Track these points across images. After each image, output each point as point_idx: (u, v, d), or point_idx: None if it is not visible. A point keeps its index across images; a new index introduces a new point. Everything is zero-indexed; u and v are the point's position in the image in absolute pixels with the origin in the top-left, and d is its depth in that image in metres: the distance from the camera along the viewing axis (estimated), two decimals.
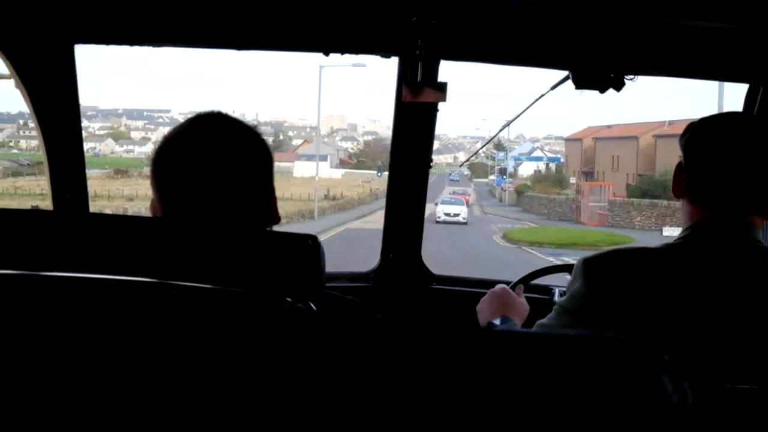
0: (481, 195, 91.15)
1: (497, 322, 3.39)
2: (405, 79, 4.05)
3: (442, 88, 3.96)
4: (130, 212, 34.96)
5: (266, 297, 1.60)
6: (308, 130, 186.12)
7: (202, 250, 1.68)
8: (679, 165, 2.76)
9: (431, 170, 4.58)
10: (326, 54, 4.01)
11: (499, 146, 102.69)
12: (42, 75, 3.79)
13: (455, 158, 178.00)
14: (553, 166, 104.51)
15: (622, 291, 2.54)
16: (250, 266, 1.66)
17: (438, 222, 55.63)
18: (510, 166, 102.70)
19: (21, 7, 3.51)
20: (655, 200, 54.98)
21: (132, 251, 1.68)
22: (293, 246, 1.67)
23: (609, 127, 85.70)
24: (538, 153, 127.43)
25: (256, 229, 2.18)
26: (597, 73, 3.83)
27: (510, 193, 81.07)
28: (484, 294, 3.73)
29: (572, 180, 78.49)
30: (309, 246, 1.64)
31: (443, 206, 61.18)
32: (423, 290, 4.67)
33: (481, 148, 52.11)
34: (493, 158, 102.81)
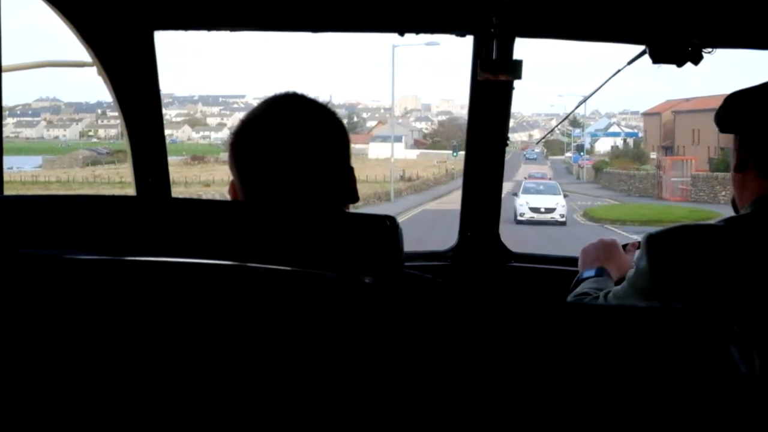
0: (558, 173, 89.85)
1: (592, 272, 3.30)
2: (480, 57, 4.00)
3: (517, 66, 3.94)
4: (208, 197, 34.70)
5: (346, 278, 1.50)
6: (382, 111, 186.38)
7: (282, 232, 1.70)
8: (740, 141, 2.63)
9: (508, 149, 4.51)
10: (401, 34, 4.01)
11: (575, 123, 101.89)
12: (123, 62, 3.80)
13: (530, 136, 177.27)
14: (630, 141, 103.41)
15: (686, 268, 2.47)
16: (329, 248, 1.67)
17: (520, 222, 42.20)
18: (586, 142, 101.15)
19: None
20: None
21: (213, 235, 1.71)
22: (372, 227, 1.67)
23: (687, 100, 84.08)
24: (614, 128, 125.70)
25: (335, 210, 2.19)
26: (674, 46, 3.73)
27: (588, 170, 79.91)
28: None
29: (652, 155, 76.97)
30: (387, 226, 1.65)
31: (527, 197, 45.21)
32: (502, 268, 4.60)
33: (557, 125, 49.49)
34: (569, 135, 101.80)
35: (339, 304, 1.26)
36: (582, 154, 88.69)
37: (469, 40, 4.08)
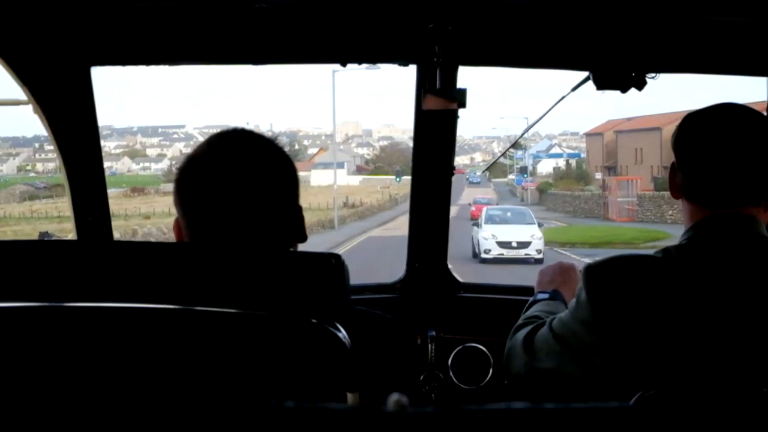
0: (502, 195, 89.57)
1: (546, 295, 3.29)
2: (424, 86, 3.96)
3: (461, 94, 3.91)
4: (144, 231, 33.56)
5: (291, 319, 1.60)
6: (323, 138, 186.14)
7: (226, 274, 1.71)
8: (672, 165, 2.69)
9: None
10: (343, 65, 4.02)
11: (517, 145, 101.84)
12: (60, 99, 3.74)
13: (471, 159, 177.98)
14: (573, 162, 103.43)
15: (625, 299, 2.47)
16: (275, 288, 1.68)
17: (484, 261, 35.75)
18: (529, 164, 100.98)
19: (37, 32, 3.46)
20: None
21: (157, 279, 1.70)
22: (317, 266, 1.70)
23: (629, 119, 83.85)
24: (556, 150, 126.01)
25: (280, 250, 2.17)
26: (618, 72, 3.74)
27: (532, 191, 79.25)
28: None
29: (597, 176, 76.77)
30: (333, 265, 1.67)
31: (493, 228, 37.61)
32: (451, 299, 4.52)
33: (505, 151, 48.64)
34: (511, 157, 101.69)
35: (283, 343, 1.30)
36: (525, 176, 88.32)
37: (412, 66, 4.02)
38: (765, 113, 3.37)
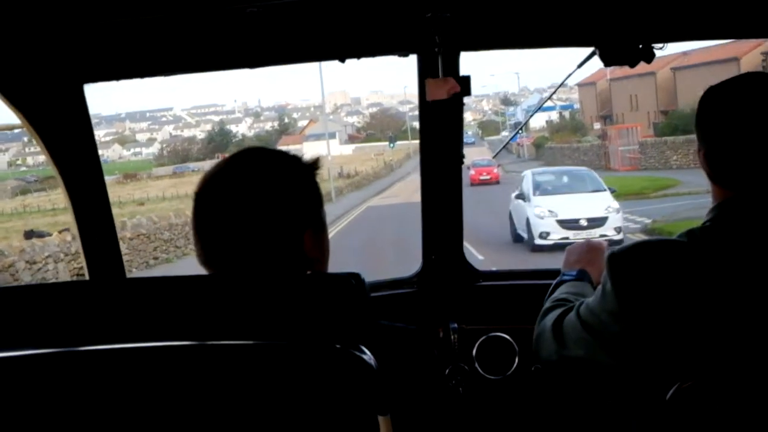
0: (500, 154, 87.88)
1: (573, 274, 3.17)
2: (426, 76, 3.84)
3: (465, 82, 3.80)
4: (133, 222, 32.25)
5: (314, 346, 1.60)
6: (312, 109, 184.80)
7: (243, 304, 1.70)
8: (699, 145, 2.57)
9: None
10: (342, 61, 3.88)
11: (507, 101, 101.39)
12: (54, 120, 3.63)
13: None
14: (566, 114, 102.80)
15: (651, 288, 2.39)
16: (294, 315, 1.68)
17: (540, 248, 25.64)
18: (522, 119, 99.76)
19: (26, 55, 3.39)
20: (690, 135, 51.36)
21: (171, 315, 1.70)
22: (337, 288, 1.69)
23: (621, 66, 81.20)
24: (547, 103, 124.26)
25: (298, 276, 2.12)
26: (625, 46, 3.63)
27: (528, 147, 77.85)
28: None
29: (596, 126, 75.32)
30: (353, 285, 1.66)
31: (548, 200, 27.31)
32: (471, 289, 4.39)
33: (515, 132, 45.38)
34: (502, 114, 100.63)
35: (308, 372, 1.30)
36: (521, 131, 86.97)
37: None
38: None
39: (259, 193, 2.17)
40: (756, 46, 52.90)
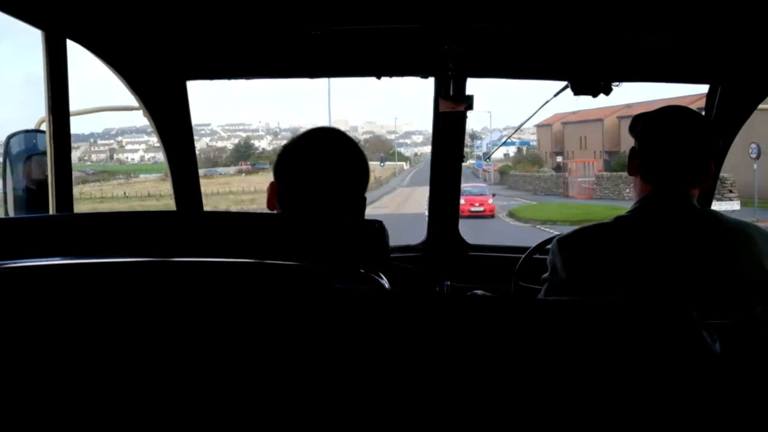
0: (466, 177, 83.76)
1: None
2: (441, 94, 4.05)
3: (470, 99, 3.98)
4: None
5: (345, 269, 1.66)
6: None
7: (298, 236, 1.75)
8: (632, 150, 2.75)
9: (420, 159, 4.61)
10: (378, 77, 3.93)
11: (474, 136, 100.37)
12: (162, 106, 3.83)
13: None
14: (524, 149, 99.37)
15: (590, 259, 2.54)
16: (333, 247, 1.73)
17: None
18: (491, 151, 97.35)
19: (145, 53, 3.57)
20: None
21: (240, 240, 1.75)
22: (365, 229, 1.75)
23: (574, 112, 78.30)
24: (517, 138, 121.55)
25: (339, 218, 2.16)
26: (590, 82, 3.76)
27: (494, 173, 74.64)
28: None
29: (558, 158, 71.12)
30: (376, 228, 1.71)
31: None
32: (462, 257, 4.65)
33: (494, 150, 41.30)
34: (470, 147, 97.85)
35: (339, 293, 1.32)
36: (487, 160, 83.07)
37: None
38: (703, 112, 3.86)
39: (341, 157, 2.23)
40: (695, 101, 48.10)
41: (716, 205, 3.73)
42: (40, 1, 2.64)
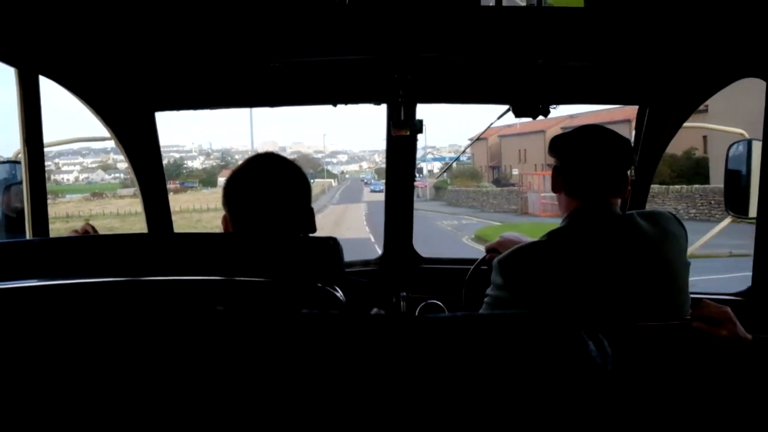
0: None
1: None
2: (392, 119, 4.09)
3: (419, 123, 3.98)
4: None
5: (302, 284, 1.66)
6: (250, 152, 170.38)
7: (258, 254, 1.77)
8: (555, 168, 2.75)
9: (346, 177, 4.59)
10: (334, 105, 3.99)
11: None
12: (133, 136, 3.83)
13: (360, 167, 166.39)
14: (454, 164, 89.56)
15: (528, 277, 2.51)
16: (290, 263, 1.74)
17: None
18: (424, 167, 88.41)
19: (115, 86, 3.55)
20: None
21: (209, 259, 1.75)
22: (320, 245, 1.74)
23: (510, 126, 70.06)
24: (439, 154, 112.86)
25: (295, 236, 2.26)
26: (530, 105, 3.76)
27: (430, 189, 68.12)
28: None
29: (515, 171, 62.41)
30: (331, 245, 1.72)
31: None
32: (416, 270, 4.66)
33: (443, 171, 32.75)
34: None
35: (297, 302, 1.36)
36: (422, 175, 73.71)
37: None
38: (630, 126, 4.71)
39: (283, 178, 2.27)
40: (624, 115, 39.78)
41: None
42: (12, 40, 2.63)
